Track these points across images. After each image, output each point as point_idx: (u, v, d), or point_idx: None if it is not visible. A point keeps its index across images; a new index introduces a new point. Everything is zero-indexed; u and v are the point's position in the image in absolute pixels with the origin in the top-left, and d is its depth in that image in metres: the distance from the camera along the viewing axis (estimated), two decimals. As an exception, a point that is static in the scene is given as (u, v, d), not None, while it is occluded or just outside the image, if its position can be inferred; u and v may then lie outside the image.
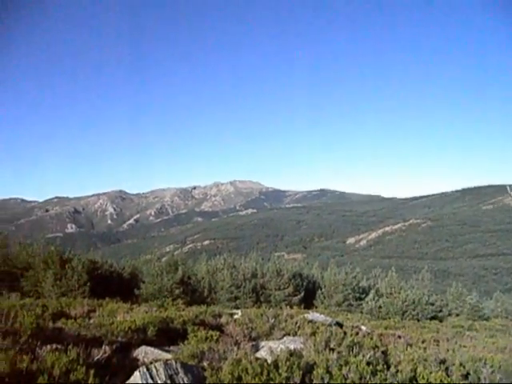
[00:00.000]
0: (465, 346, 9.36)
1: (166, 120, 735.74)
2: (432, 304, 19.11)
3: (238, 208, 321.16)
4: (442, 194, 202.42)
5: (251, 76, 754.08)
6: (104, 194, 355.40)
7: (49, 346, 4.75)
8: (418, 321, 17.34)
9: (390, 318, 16.80)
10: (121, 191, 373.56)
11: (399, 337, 9.98)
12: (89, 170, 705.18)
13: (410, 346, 8.19)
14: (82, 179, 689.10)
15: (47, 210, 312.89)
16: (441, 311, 19.96)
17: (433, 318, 18.64)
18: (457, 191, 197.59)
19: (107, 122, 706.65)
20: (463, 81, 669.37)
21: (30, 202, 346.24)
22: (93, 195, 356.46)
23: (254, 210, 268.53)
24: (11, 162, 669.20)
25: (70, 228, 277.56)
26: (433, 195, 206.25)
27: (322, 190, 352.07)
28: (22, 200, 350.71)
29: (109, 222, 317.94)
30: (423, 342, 9.70)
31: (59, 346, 4.85)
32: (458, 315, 22.54)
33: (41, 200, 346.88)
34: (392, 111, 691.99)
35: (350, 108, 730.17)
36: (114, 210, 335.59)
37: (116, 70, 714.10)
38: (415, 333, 11.93)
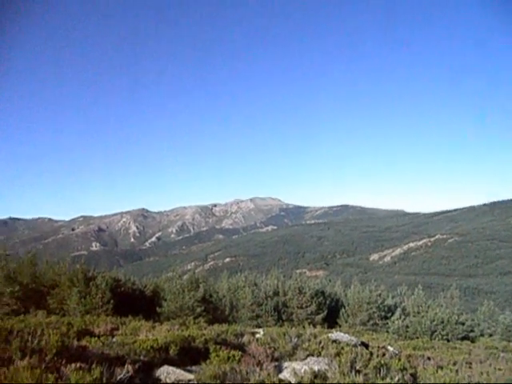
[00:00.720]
0: (500, 369, 8.85)
1: (185, 138, 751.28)
2: (462, 323, 18.28)
3: (258, 225, 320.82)
4: (469, 208, 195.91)
5: (268, 91, 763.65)
6: (127, 212, 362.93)
7: (73, 365, 4.78)
8: (448, 341, 16.58)
9: (418, 338, 16.14)
10: (143, 209, 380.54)
11: (428, 358, 9.56)
12: (113, 189, 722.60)
13: (441, 368, 7.83)
14: (106, 198, 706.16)
15: (73, 229, 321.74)
16: (472, 331, 19.04)
17: (464, 338, 17.80)
18: (485, 205, 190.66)
19: (128, 141, 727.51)
20: (488, 93, 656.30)
21: (57, 221, 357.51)
22: (116, 214, 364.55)
23: (275, 227, 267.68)
24: (39, 183, 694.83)
25: (95, 246, 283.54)
26: (459, 209, 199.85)
27: (343, 206, 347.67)
28: (50, 219, 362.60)
29: (132, 240, 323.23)
30: (454, 364, 9.24)
31: (83, 365, 4.88)
32: (490, 335, 21.43)
33: (67, 219, 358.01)
34: (415, 124, 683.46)
35: (370, 122, 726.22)
36: (137, 228, 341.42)
37: (133, 88, 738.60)
38: (445, 354, 11.39)
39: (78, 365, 4.86)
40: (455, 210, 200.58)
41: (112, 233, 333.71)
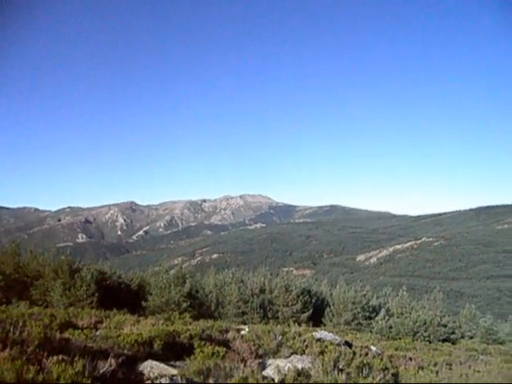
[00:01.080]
0: (479, 371, 9.04)
1: (176, 132, 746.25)
2: (444, 325, 18.59)
3: (247, 222, 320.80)
4: (455, 212, 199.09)
5: (261, 89, 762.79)
6: (115, 205, 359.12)
7: (55, 357, 4.73)
8: (430, 342, 16.85)
9: (400, 339, 16.37)
10: (131, 202, 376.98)
11: (410, 359, 9.71)
12: (101, 181, 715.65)
13: (422, 369, 7.97)
14: (94, 190, 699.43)
15: (59, 220, 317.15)
16: (453, 333, 19.38)
17: (445, 340, 18.10)
18: (470, 210, 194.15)
19: (120, 134, 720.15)
20: (475, 95, 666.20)
21: (43, 211, 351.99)
22: (104, 206, 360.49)
23: (264, 225, 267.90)
24: (26, 172, 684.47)
25: (81, 238, 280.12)
26: (445, 213, 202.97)
27: (332, 206, 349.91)
28: (36, 209, 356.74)
29: (119, 232, 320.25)
30: (435, 365, 9.41)
31: (65, 358, 4.83)
32: (471, 338, 21.86)
33: (54, 209, 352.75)
34: (404, 128, 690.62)
35: (361, 125, 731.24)
36: (125, 221, 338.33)
37: (126, 81, 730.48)
38: (427, 355, 11.59)
39: (61, 357, 4.81)
40: (442, 214, 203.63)
41: (99, 225, 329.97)
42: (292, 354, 7.48)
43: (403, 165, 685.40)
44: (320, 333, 10.58)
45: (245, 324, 15.27)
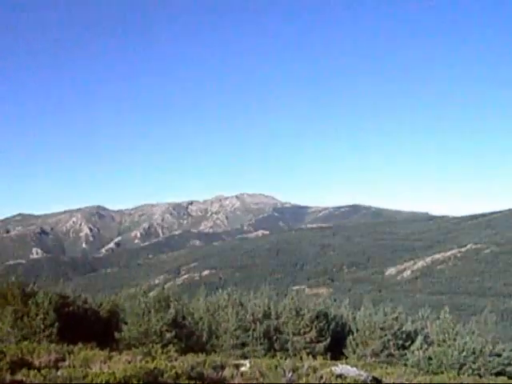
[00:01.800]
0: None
1: (155, 121, 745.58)
2: (498, 355, 18.65)
3: (246, 229, 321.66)
4: (509, 211, 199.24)
5: (266, 80, 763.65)
6: (78, 210, 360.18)
7: (5, 405, 4.75)
8: (480, 377, 16.93)
9: (443, 373, 16.45)
10: (99, 207, 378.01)
11: (456, 398, 9.75)
12: (59, 182, 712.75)
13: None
14: (50, 193, 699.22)
15: (8, 231, 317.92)
16: (510, 364, 19.46)
17: (499, 373, 18.18)
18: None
19: (82, 123, 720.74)
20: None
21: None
22: (64, 212, 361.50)
23: (267, 232, 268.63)
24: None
25: (36, 253, 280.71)
26: (496, 213, 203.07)
27: (353, 206, 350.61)
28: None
29: (83, 245, 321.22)
30: (487, 405, 9.45)
31: (19, 405, 4.85)
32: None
33: (0, 218, 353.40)
34: (446, 110, 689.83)
35: (389, 104, 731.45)
36: (91, 230, 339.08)
37: (109, 71, 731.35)
38: (477, 393, 11.63)
39: (12, 405, 4.83)
40: (492, 214, 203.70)
41: (58, 236, 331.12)
42: (306, 394, 7.51)
43: (442, 155, 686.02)
44: (341, 367, 10.62)
45: (245, 358, 15.34)
